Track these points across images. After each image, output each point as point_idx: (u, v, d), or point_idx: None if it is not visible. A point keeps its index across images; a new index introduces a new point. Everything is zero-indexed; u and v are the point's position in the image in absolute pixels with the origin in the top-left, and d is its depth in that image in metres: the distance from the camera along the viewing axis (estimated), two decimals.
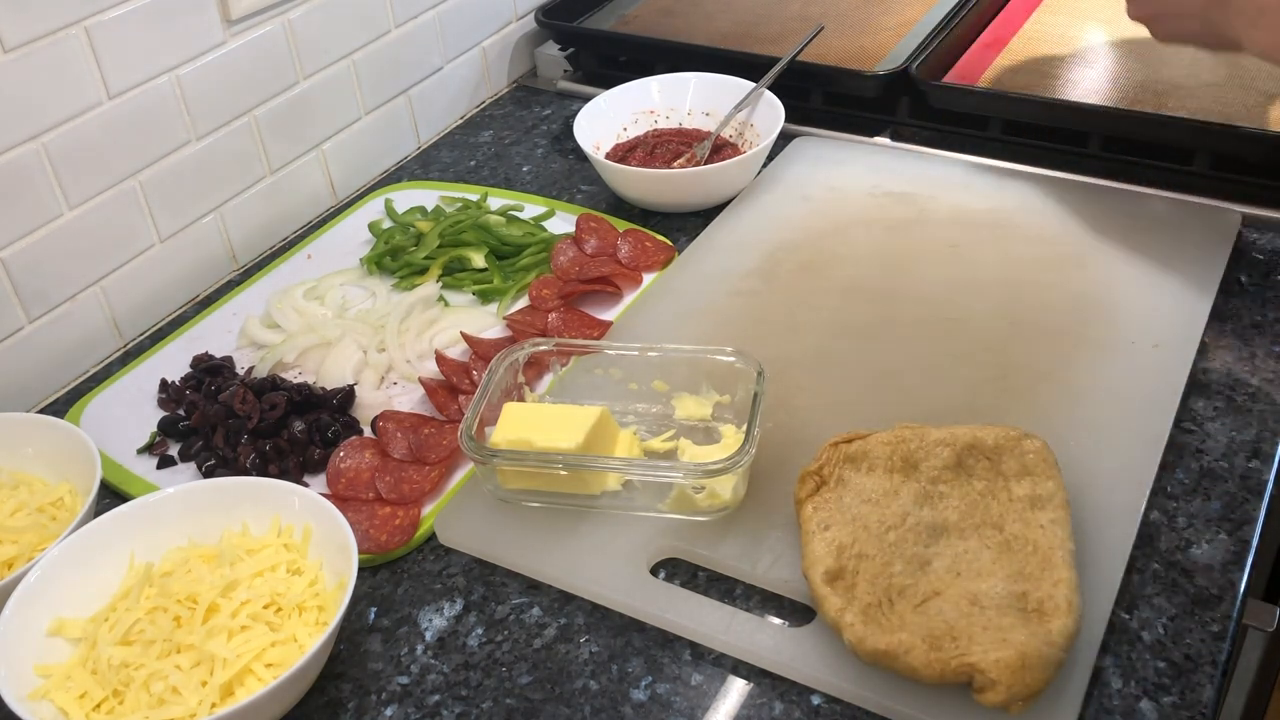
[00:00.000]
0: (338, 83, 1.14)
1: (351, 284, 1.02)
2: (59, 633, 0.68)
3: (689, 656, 0.69)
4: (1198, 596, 0.69)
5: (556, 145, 1.23)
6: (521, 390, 0.84)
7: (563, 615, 0.73)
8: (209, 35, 1.00)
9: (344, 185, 1.18)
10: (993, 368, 0.84)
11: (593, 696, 0.68)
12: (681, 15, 1.36)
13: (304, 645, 0.67)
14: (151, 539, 0.73)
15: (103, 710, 0.65)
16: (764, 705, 0.66)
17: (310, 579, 0.71)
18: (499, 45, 1.34)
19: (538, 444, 0.74)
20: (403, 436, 0.83)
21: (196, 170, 1.02)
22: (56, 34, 0.88)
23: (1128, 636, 0.67)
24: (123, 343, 1.01)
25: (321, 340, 0.93)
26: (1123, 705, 0.64)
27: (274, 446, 0.83)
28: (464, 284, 1.00)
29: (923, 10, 1.30)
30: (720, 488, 0.73)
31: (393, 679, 0.70)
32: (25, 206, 0.90)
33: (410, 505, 0.79)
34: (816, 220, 1.02)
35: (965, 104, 1.13)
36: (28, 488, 0.79)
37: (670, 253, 1.02)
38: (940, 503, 0.70)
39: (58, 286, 0.94)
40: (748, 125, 1.13)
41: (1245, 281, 0.93)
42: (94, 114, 0.92)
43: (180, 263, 1.04)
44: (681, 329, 0.92)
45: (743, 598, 0.72)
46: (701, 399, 0.82)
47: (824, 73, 1.19)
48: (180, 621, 0.68)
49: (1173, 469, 0.77)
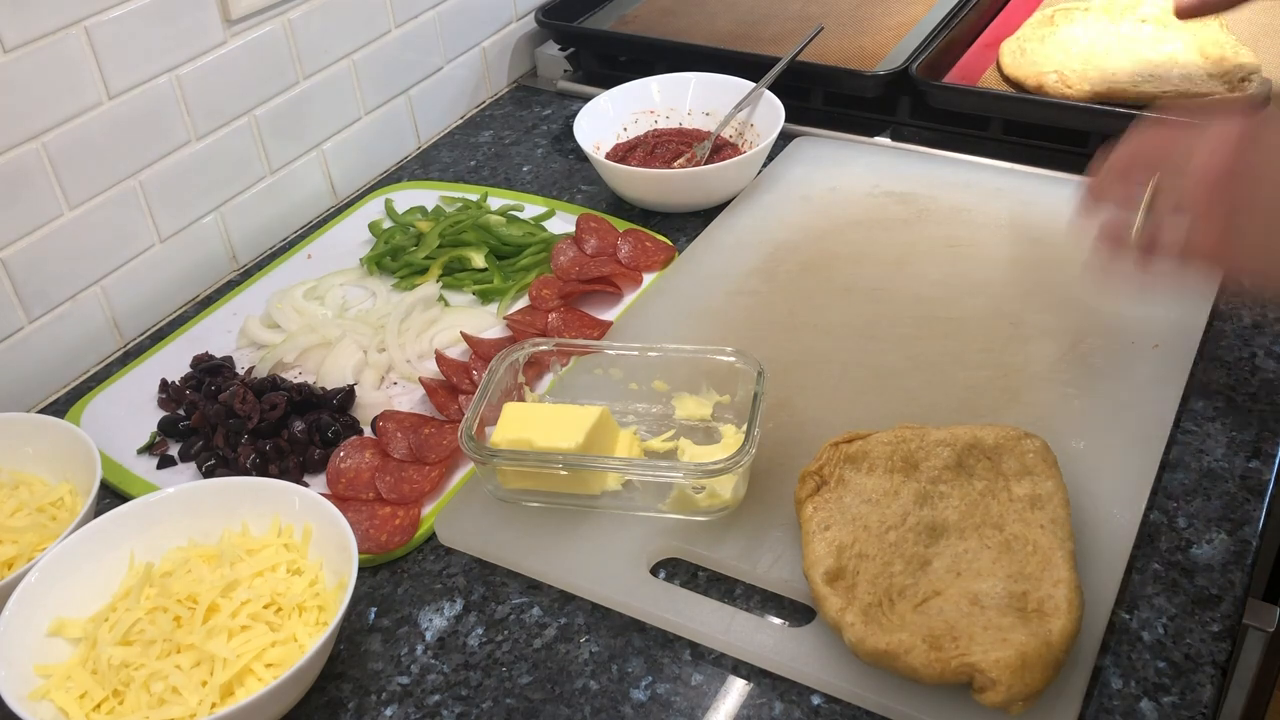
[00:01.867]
0: (338, 83, 1.14)
1: (351, 284, 1.03)
2: (59, 633, 0.68)
3: (689, 656, 0.69)
4: (1198, 596, 0.69)
5: (556, 145, 1.23)
6: (521, 390, 0.84)
7: (563, 615, 0.73)
8: (209, 35, 1.00)
9: (344, 185, 1.18)
10: (993, 368, 0.84)
11: (593, 696, 0.67)
12: (681, 15, 1.36)
13: (304, 645, 0.67)
14: (151, 539, 0.73)
15: (103, 710, 0.65)
16: (764, 705, 0.66)
17: (310, 579, 0.71)
18: (499, 45, 1.34)
19: (538, 444, 0.74)
20: (403, 436, 0.83)
21: (196, 170, 1.02)
22: (56, 34, 0.88)
23: (1128, 636, 0.67)
24: (123, 343, 1.01)
25: (321, 340, 0.93)
26: (1123, 705, 0.64)
27: (274, 446, 0.83)
28: (464, 284, 1.00)
29: (923, 10, 1.30)
30: (720, 488, 0.74)
31: (393, 679, 0.70)
32: (25, 206, 0.90)
33: (410, 505, 0.79)
34: (816, 220, 1.02)
35: (965, 104, 1.13)
36: (28, 488, 0.79)
37: (670, 253, 1.02)
38: (941, 503, 0.70)
39: (58, 286, 0.94)
40: (748, 125, 1.13)
41: (1245, 281, 0.93)
42: (94, 114, 0.92)
43: (180, 263, 1.04)
44: (681, 329, 0.92)
45: (743, 598, 0.72)
46: (702, 399, 0.82)
47: (824, 73, 1.19)
48: (180, 621, 0.68)
49: (1173, 469, 0.77)
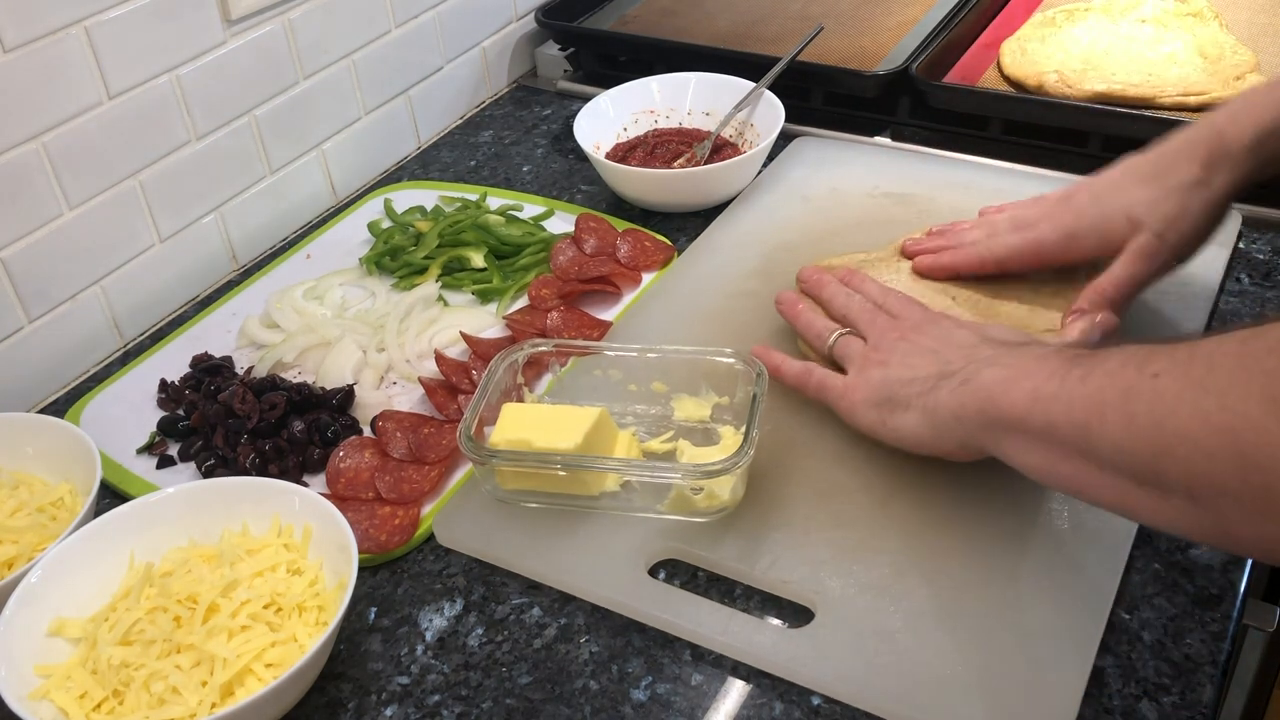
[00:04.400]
0: (338, 83, 1.14)
1: (351, 284, 1.03)
2: (59, 633, 0.68)
3: (689, 656, 0.69)
4: (1198, 596, 0.69)
5: (556, 145, 1.23)
6: (521, 391, 0.84)
7: (563, 615, 0.73)
8: (209, 35, 1.00)
9: (344, 185, 1.19)
10: None
11: (593, 696, 0.68)
12: (681, 15, 1.36)
13: (304, 645, 0.67)
14: (151, 539, 0.73)
15: (103, 710, 0.65)
16: (764, 705, 0.66)
17: (310, 579, 0.71)
18: (499, 45, 1.34)
19: (537, 444, 0.74)
20: (402, 436, 0.83)
21: (196, 170, 1.02)
22: (56, 34, 0.88)
23: (1128, 636, 0.67)
24: (123, 343, 1.01)
25: (321, 340, 0.93)
26: (1123, 705, 0.64)
27: (274, 446, 0.83)
28: (463, 284, 1.00)
29: (923, 10, 1.30)
30: (719, 489, 0.73)
31: (393, 679, 0.70)
32: (25, 206, 0.90)
33: (410, 505, 0.79)
34: (816, 221, 1.02)
35: (965, 104, 1.13)
36: (28, 488, 0.79)
37: (670, 253, 1.02)
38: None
39: (58, 286, 0.94)
40: (748, 125, 1.13)
41: (1245, 281, 0.93)
42: (94, 114, 0.92)
43: (180, 263, 1.04)
44: (681, 330, 0.92)
45: (742, 598, 0.72)
46: (700, 400, 0.82)
47: (824, 73, 1.19)
48: (180, 621, 0.68)
49: None
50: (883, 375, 0.74)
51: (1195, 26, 1.16)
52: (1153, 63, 1.11)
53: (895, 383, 0.72)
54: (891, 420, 0.72)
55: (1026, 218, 0.85)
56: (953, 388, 0.67)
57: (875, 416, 0.73)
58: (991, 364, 0.66)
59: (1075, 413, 0.57)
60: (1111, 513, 0.59)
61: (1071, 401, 0.58)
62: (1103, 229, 0.81)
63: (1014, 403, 0.62)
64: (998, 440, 0.64)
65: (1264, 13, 1.23)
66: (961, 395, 0.66)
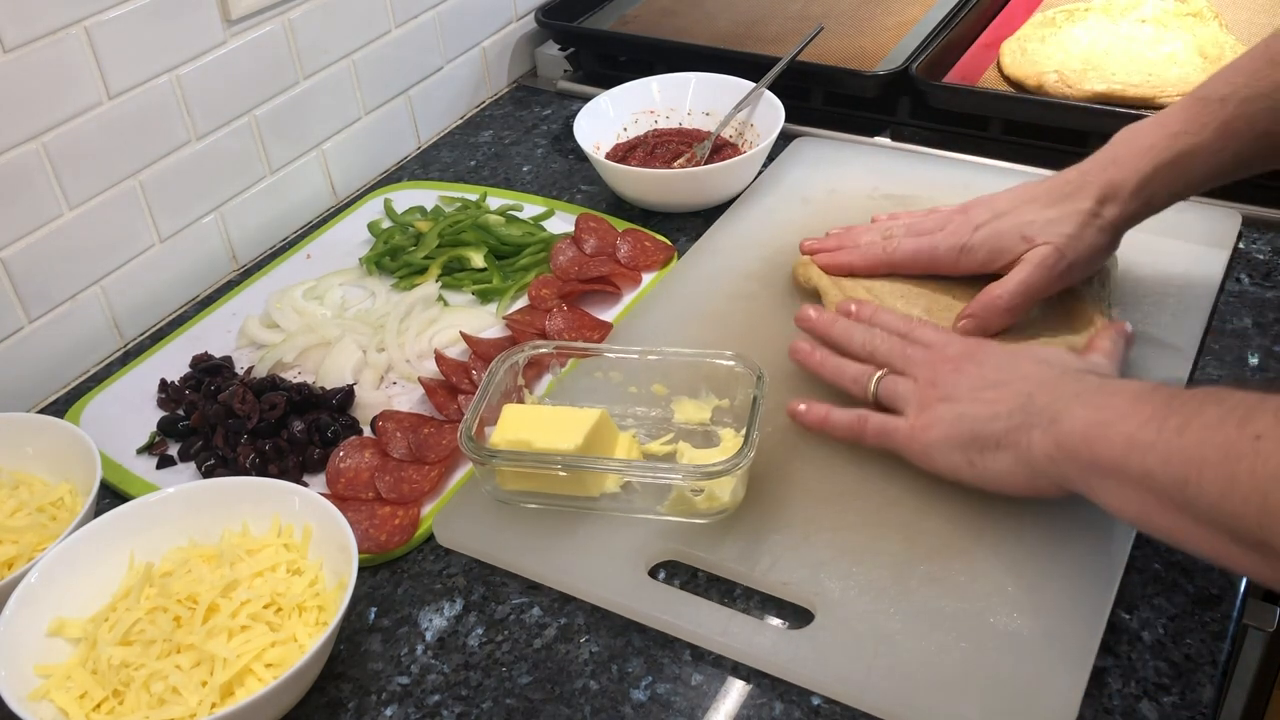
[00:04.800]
0: (338, 83, 1.14)
1: (351, 284, 1.03)
2: (59, 633, 0.68)
3: (689, 657, 0.69)
4: (1198, 596, 0.69)
5: (556, 145, 1.23)
6: (521, 392, 0.84)
7: (563, 615, 0.73)
8: (209, 35, 1.00)
9: (344, 185, 1.18)
10: None
11: (593, 696, 0.68)
12: (681, 15, 1.36)
13: (304, 645, 0.67)
14: (151, 539, 0.73)
15: (103, 710, 0.65)
16: (764, 705, 0.66)
17: (310, 579, 0.71)
18: (499, 45, 1.34)
19: (537, 445, 0.74)
20: (402, 436, 0.83)
21: (196, 170, 1.02)
22: (56, 34, 0.88)
23: (1128, 636, 0.67)
24: (123, 343, 1.01)
25: (321, 340, 0.93)
26: (1123, 705, 0.64)
27: (274, 446, 0.83)
28: (463, 284, 1.00)
29: (923, 10, 1.30)
30: (719, 490, 0.73)
31: (393, 679, 0.70)
32: (25, 206, 0.90)
33: (410, 505, 0.79)
34: (817, 222, 1.02)
35: (965, 104, 1.13)
36: (28, 488, 0.79)
37: (670, 253, 1.02)
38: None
39: (58, 286, 0.94)
40: (748, 125, 1.13)
41: (1245, 281, 0.93)
42: (94, 114, 0.92)
43: (180, 263, 1.04)
44: (681, 332, 0.92)
45: (742, 599, 0.72)
46: (701, 403, 0.82)
47: (824, 73, 1.19)
48: (180, 621, 0.68)
49: None
50: (956, 413, 0.70)
51: (1195, 26, 1.16)
52: (1153, 63, 1.11)
53: (975, 420, 0.69)
54: (981, 462, 0.69)
55: (924, 225, 0.88)
56: (1044, 427, 0.65)
57: (961, 458, 0.70)
58: (1081, 402, 0.64)
59: (1173, 466, 0.56)
60: (1209, 563, 0.58)
61: (1169, 453, 0.56)
62: (995, 245, 0.83)
63: (1111, 447, 0.60)
64: (1091, 485, 0.63)
65: (1264, 13, 1.23)
66: (1055, 435, 0.64)
